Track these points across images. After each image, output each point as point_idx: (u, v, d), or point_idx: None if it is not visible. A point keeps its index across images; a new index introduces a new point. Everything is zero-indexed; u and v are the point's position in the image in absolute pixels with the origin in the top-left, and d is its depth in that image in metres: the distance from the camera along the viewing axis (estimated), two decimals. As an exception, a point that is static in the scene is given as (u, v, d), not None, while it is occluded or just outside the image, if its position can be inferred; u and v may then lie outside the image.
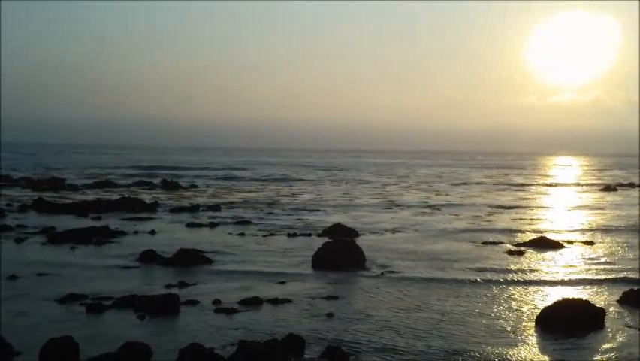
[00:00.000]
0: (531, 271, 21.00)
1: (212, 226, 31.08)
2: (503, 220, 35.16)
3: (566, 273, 20.88)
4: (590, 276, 20.40)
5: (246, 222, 31.95)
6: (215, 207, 38.96)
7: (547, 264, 22.42)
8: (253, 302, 16.03)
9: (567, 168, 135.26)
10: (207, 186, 59.18)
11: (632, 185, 72.69)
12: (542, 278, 19.94)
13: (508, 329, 14.23)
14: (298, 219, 34.39)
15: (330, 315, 15.06)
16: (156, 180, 63.55)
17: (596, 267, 21.90)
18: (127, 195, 43.09)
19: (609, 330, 14.25)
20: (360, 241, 23.54)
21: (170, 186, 57.31)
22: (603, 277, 20.19)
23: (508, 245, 25.94)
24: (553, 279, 19.92)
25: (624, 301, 16.64)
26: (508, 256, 23.58)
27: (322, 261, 21.18)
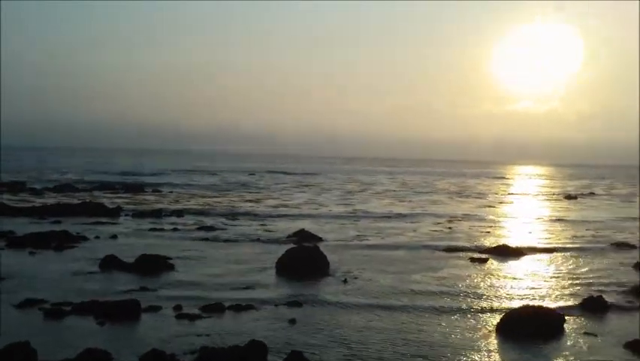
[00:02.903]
0: (493, 278, 21.19)
1: (175, 231, 30.82)
2: (466, 228, 35.45)
3: (526, 280, 21.11)
4: (550, 283, 20.65)
5: (209, 228, 31.75)
6: (179, 213, 38.65)
7: (509, 271, 22.65)
8: (215, 308, 15.90)
9: (527, 177, 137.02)
10: (171, 192, 58.71)
11: (591, 194, 73.96)
12: (504, 286, 20.12)
13: (470, 336, 14.33)
14: (262, 225, 34.27)
15: (293, 321, 15.01)
16: (119, 185, 62.85)
17: (556, 274, 22.19)
18: (88, 200, 42.54)
19: (569, 337, 14.44)
20: (325, 248, 23.52)
21: (133, 190, 56.72)
22: (563, 284, 20.46)
23: (470, 253, 26.15)
24: (514, 286, 20.12)
25: (584, 307, 16.89)
26: (471, 264, 23.77)
27: (286, 267, 21.13)
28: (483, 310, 16.62)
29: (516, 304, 16.74)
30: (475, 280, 20.57)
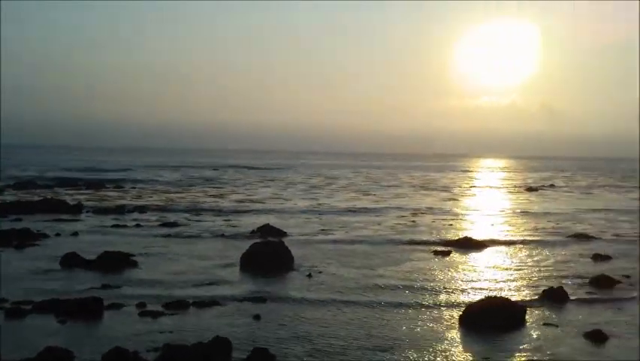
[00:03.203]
0: (456, 270, 21.40)
1: (138, 227, 30.55)
2: (429, 221, 35.73)
3: (489, 272, 21.37)
4: (512, 275, 20.93)
5: (172, 224, 31.52)
6: (141, 209, 38.32)
7: (472, 264, 22.90)
8: (179, 305, 15.80)
9: (490, 170, 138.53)
10: (133, 188, 58.16)
11: (552, 186, 75.05)
12: (466, 278, 20.34)
13: (433, 329, 14.46)
14: (226, 220, 34.14)
15: (257, 317, 14.99)
16: (81, 181, 62.06)
17: (517, 266, 22.49)
18: (49, 197, 41.94)
19: (530, 327, 14.65)
20: (289, 242, 23.52)
21: (95, 187, 56.05)
22: (524, 275, 20.75)
23: (433, 246, 26.37)
24: (476, 278, 20.34)
25: (544, 298, 17.15)
26: (434, 257, 23.98)
27: (250, 262, 21.09)
28: (446, 303, 16.78)
29: (478, 296, 16.94)
30: (438, 273, 20.75)
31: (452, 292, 18.16)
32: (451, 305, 16.53)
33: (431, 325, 14.67)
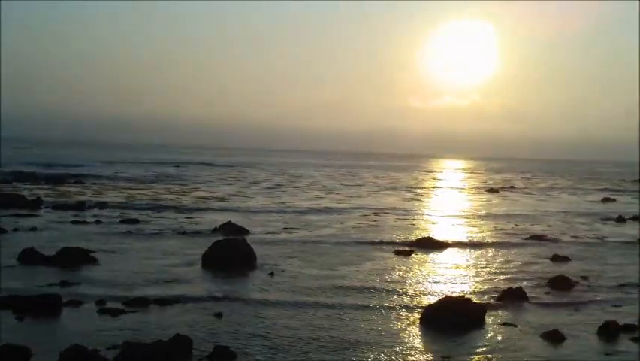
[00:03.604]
0: (417, 270, 21.56)
1: (98, 224, 30.18)
2: (392, 221, 35.93)
3: (449, 272, 21.57)
4: (472, 275, 21.16)
5: (133, 221, 31.19)
6: (102, 205, 37.86)
7: (433, 264, 23.10)
8: (139, 303, 15.66)
9: (452, 170, 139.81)
10: (94, 183, 57.42)
11: (512, 187, 76.00)
12: (427, 278, 20.51)
13: (394, 328, 14.55)
14: (188, 218, 33.91)
15: (219, 315, 14.93)
16: (41, 176, 61.08)
17: (478, 266, 22.74)
18: (7, 191, 41.20)
19: (489, 327, 14.83)
20: (252, 241, 23.44)
21: (55, 181, 55.22)
22: (484, 276, 20.99)
23: (395, 246, 26.52)
24: (437, 278, 20.52)
25: (504, 299, 17.37)
26: (395, 256, 24.12)
27: (212, 260, 20.98)
28: (406, 303, 16.90)
29: (439, 296, 17.08)
30: (400, 273, 20.88)
31: (413, 291, 18.29)
32: (411, 305, 16.64)
33: (392, 324, 14.76)
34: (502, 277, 20.76)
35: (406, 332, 14.23)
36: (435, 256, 24.73)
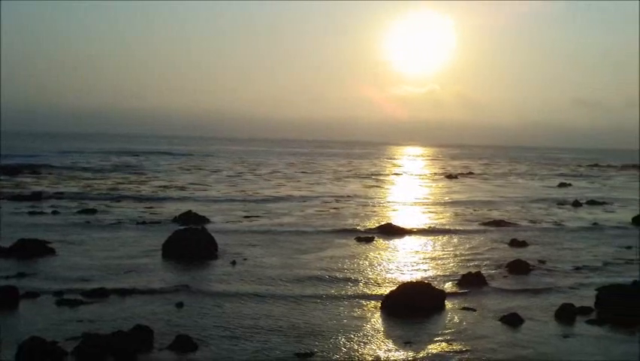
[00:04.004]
0: (378, 257, 21.68)
1: (55, 214, 29.72)
2: (352, 208, 36.05)
3: (410, 258, 21.73)
4: (432, 260, 21.35)
5: (91, 211, 30.79)
6: (59, 195, 37.28)
7: (393, 250, 23.24)
8: (98, 293, 15.48)
9: (411, 158, 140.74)
10: (51, 173, 56.49)
11: (470, 174, 76.85)
12: (388, 264, 20.64)
13: (356, 314, 14.62)
14: (147, 207, 33.58)
15: (180, 305, 14.82)
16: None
17: (438, 252, 22.96)
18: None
19: (450, 312, 14.99)
20: (212, 229, 23.32)
21: (10, 172, 54.18)
22: (444, 261, 21.20)
23: (356, 232, 26.62)
24: (398, 264, 20.67)
25: (463, 283, 17.57)
26: (357, 243, 24.21)
27: (172, 250, 20.80)
28: (368, 289, 16.99)
29: (400, 282, 17.20)
30: (361, 260, 20.97)
31: (374, 278, 18.39)
32: (372, 291, 16.74)
33: (353, 311, 14.82)
34: (462, 262, 21.00)
35: (368, 318, 14.31)
36: (396, 242, 24.90)
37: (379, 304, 15.21)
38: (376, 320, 14.20)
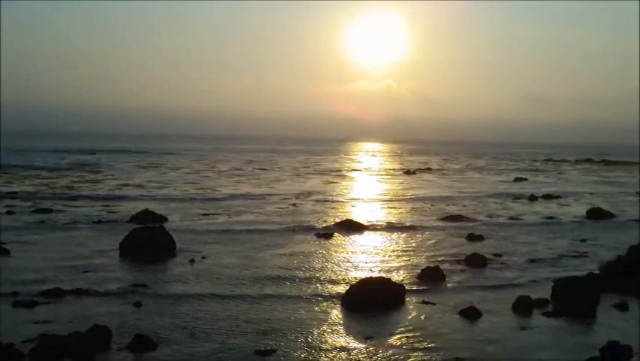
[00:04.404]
0: (337, 253, 21.74)
1: (10, 214, 29.14)
2: (311, 205, 36.08)
3: (369, 254, 21.83)
4: (391, 256, 21.48)
5: (46, 211, 30.28)
6: (13, 195, 36.57)
7: (353, 246, 23.33)
8: (55, 294, 15.23)
9: (369, 154, 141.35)
10: (5, 172, 55.37)
11: (428, 169, 77.50)
12: (348, 259, 20.70)
13: (316, 310, 14.64)
14: (104, 206, 33.15)
15: (137, 304, 14.66)
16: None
17: (397, 247, 23.11)
18: None
19: (409, 306, 15.11)
20: (170, 228, 23.12)
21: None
22: (404, 256, 21.35)
23: (315, 229, 26.66)
24: (358, 260, 20.75)
25: (422, 277, 17.73)
26: (316, 239, 24.25)
27: (130, 249, 20.57)
28: (328, 285, 17.02)
29: (360, 276, 17.27)
30: (321, 256, 21.00)
31: (334, 274, 18.44)
32: (332, 287, 16.77)
33: (314, 307, 14.84)
34: (421, 256, 21.17)
35: (328, 314, 14.33)
36: (355, 238, 24.99)
37: (339, 300, 15.26)
38: (336, 316, 14.24)
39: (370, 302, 14.83)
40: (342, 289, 16.20)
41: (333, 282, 17.38)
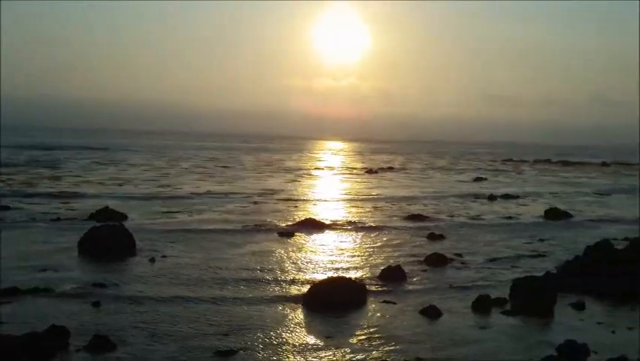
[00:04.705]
0: (298, 252, 21.73)
1: (-36, 212, 28.53)
2: (273, 203, 36.00)
3: (331, 253, 21.87)
4: (353, 255, 21.54)
5: (3, 208, 29.68)
6: (-32, 192, 35.83)
7: (315, 245, 23.34)
8: (10, 293, 14.92)
9: (331, 152, 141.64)
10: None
11: (390, 168, 77.94)
12: (309, 259, 20.70)
13: (277, 310, 14.61)
14: (63, 203, 32.65)
15: (96, 304, 14.47)
16: None
17: (358, 246, 23.19)
18: None
19: (370, 305, 15.17)
20: (130, 226, 22.86)
21: None
22: (365, 255, 21.43)
23: (277, 228, 26.62)
24: (319, 259, 20.76)
25: (383, 276, 17.80)
26: (278, 238, 24.21)
27: (89, 247, 20.30)
28: (289, 285, 17.00)
29: (321, 276, 17.31)
30: (282, 255, 20.97)
31: (295, 273, 18.42)
32: (293, 287, 16.76)
33: (274, 308, 14.80)
34: (382, 256, 21.28)
35: (289, 314, 14.31)
36: (317, 236, 25.01)
37: (300, 300, 15.25)
38: (297, 316, 14.23)
39: (331, 302, 14.85)
40: (303, 288, 16.19)
41: (294, 282, 17.37)
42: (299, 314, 14.37)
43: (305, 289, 15.97)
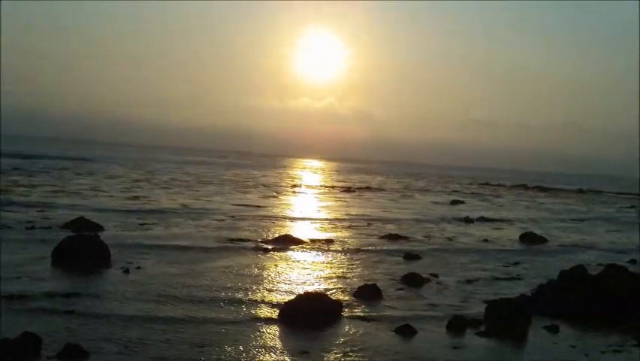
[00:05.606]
0: (274, 268, 21.67)
1: (-63, 217, 28.15)
2: (250, 219, 35.91)
3: (307, 270, 21.83)
4: (329, 272, 21.53)
5: (-24, 215, 29.35)
6: (-59, 198, 35.35)
7: (291, 261, 23.29)
8: (-17, 300, 14.76)
9: (309, 171, 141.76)
10: None
11: (368, 188, 78.14)
12: (285, 275, 20.66)
13: (252, 325, 14.55)
14: (38, 211, 32.32)
15: (70, 312, 14.33)
16: None
17: (335, 264, 23.18)
18: None
19: (346, 323, 15.16)
20: (106, 237, 22.68)
21: None
22: (341, 273, 21.42)
23: (253, 243, 26.54)
24: (295, 275, 20.72)
25: (359, 294, 17.81)
26: (253, 254, 24.14)
27: (63, 256, 20.11)
28: (264, 300, 16.94)
29: (297, 292, 17.26)
30: (257, 271, 20.91)
31: (270, 289, 18.36)
32: (269, 302, 16.70)
33: (249, 323, 14.73)
34: (358, 274, 21.29)
35: (264, 330, 14.26)
36: (292, 254, 24.97)
37: (275, 316, 15.20)
38: (272, 332, 14.18)
39: (306, 319, 14.82)
40: (278, 304, 16.15)
41: (270, 297, 17.31)
42: (274, 330, 14.31)
43: (280, 304, 15.92)
